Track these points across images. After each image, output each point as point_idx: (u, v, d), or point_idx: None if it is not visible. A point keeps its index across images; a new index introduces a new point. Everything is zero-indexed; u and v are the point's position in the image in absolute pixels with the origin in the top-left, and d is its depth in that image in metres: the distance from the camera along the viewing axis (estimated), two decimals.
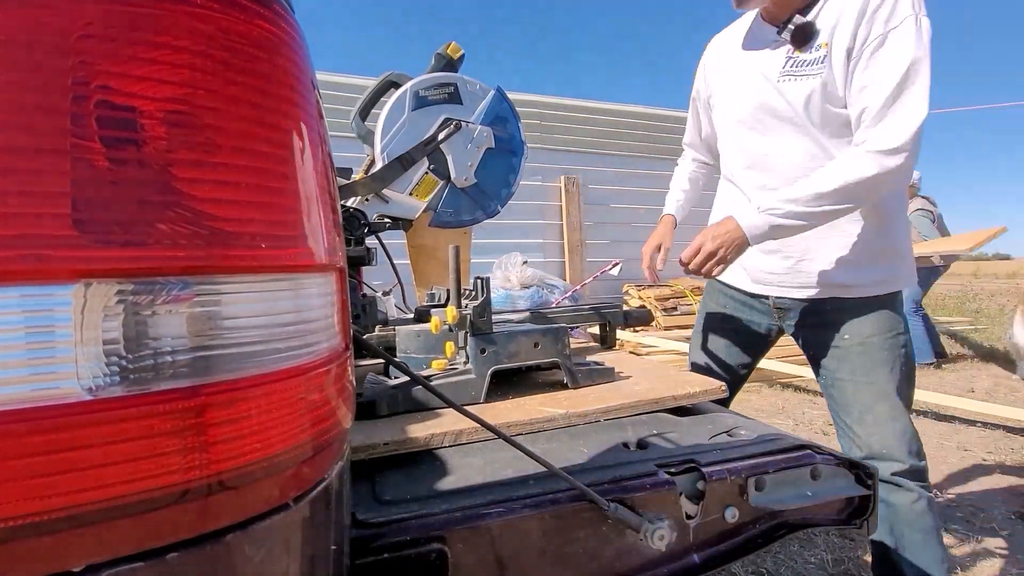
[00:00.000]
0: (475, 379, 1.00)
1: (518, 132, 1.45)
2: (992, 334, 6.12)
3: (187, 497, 0.36)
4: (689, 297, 5.00)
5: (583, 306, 1.69)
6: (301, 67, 0.45)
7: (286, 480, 0.42)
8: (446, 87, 1.34)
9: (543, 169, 5.82)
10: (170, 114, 0.36)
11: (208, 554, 0.38)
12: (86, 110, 0.33)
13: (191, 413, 0.36)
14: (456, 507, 0.67)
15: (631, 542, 0.72)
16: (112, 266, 0.34)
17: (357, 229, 1.29)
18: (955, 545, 1.89)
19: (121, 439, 0.34)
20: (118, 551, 0.35)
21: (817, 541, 1.91)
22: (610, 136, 6.26)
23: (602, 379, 1.13)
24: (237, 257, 0.39)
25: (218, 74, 0.39)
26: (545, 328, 1.09)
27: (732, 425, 0.96)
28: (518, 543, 0.67)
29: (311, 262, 0.44)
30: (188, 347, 0.37)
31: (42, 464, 0.32)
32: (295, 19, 0.46)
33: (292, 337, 0.43)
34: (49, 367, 0.32)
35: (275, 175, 0.42)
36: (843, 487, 0.87)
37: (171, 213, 0.36)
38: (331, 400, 0.47)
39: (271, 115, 0.42)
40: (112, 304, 0.34)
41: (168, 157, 0.36)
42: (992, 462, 2.69)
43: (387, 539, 0.61)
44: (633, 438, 0.89)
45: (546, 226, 5.98)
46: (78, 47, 0.34)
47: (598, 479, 0.73)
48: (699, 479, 0.77)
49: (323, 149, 0.48)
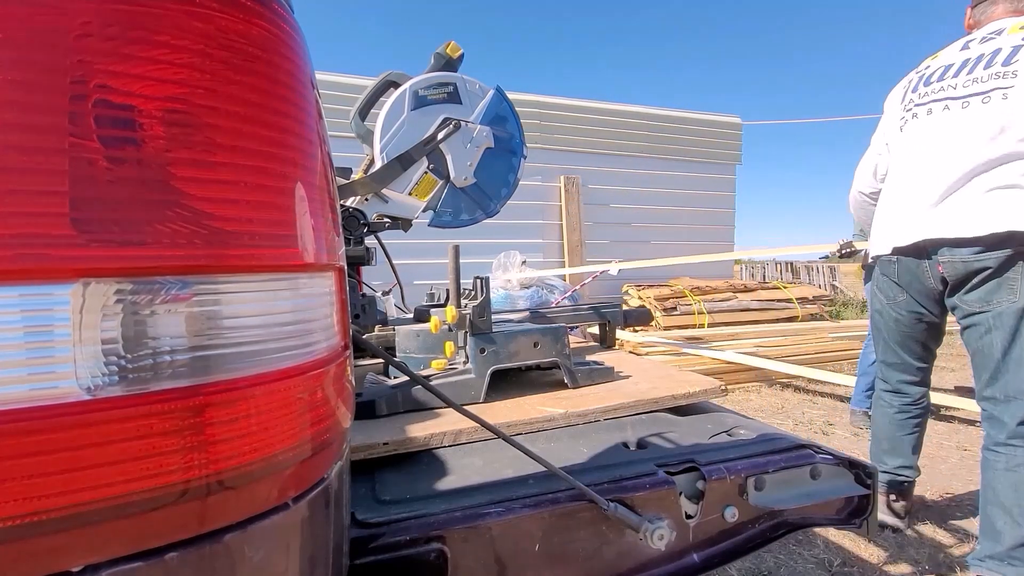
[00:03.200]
0: (475, 379, 1.00)
1: (518, 132, 1.45)
2: None
3: (186, 497, 0.36)
4: (689, 297, 5.00)
5: (583, 306, 1.69)
6: (300, 66, 0.45)
7: (285, 480, 0.42)
8: (445, 87, 1.34)
9: (543, 169, 5.82)
10: (169, 113, 0.36)
11: (207, 554, 0.38)
12: (84, 109, 0.33)
13: (190, 413, 0.36)
14: (456, 507, 0.67)
15: (631, 542, 0.72)
16: (111, 265, 0.34)
17: (356, 229, 1.29)
18: (955, 545, 1.89)
19: (120, 439, 0.34)
20: (117, 551, 0.35)
21: (817, 541, 1.91)
22: (610, 136, 6.26)
23: (602, 379, 1.13)
24: (236, 257, 0.39)
25: (217, 73, 0.39)
26: (545, 328, 1.09)
27: (732, 425, 0.96)
28: (518, 543, 0.67)
29: (310, 262, 0.44)
30: (187, 347, 0.37)
31: (40, 464, 0.32)
32: (294, 18, 0.46)
33: (291, 337, 0.43)
34: (48, 367, 0.32)
35: (274, 175, 0.42)
36: (843, 487, 0.87)
37: (170, 212, 0.36)
38: (330, 400, 0.47)
39: (270, 115, 0.42)
40: (111, 304, 0.34)
41: (167, 156, 0.36)
42: None
43: (387, 539, 0.61)
44: (633, 438, 0.89)
45: (546, 226, 5.98)
46: (76, 46, 0.34)
47: (598, 479, 0.73)
48: (699, 479, 0.77)
49: (322, 149, 0.48)
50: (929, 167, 1.61)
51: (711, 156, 6.79)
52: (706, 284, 5.37)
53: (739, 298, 5.19)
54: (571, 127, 6.10)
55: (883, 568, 1.76)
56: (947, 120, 1.59)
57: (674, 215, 6.59)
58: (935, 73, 1.68)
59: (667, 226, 6.52)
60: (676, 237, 6.57)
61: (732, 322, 4.95)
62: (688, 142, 6.65)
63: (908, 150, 1.71)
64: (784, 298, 5.39)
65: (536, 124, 5.83)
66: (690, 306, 4.92)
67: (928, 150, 1.63)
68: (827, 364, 4.28)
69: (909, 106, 1.73)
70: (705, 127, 6.76)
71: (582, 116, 6.16)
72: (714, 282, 5.51)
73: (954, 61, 1.64)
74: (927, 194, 1.59)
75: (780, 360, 4.01)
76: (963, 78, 1.58)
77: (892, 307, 1.84)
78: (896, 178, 1.75)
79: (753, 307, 5.18)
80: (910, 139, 1.71)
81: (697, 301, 4.97)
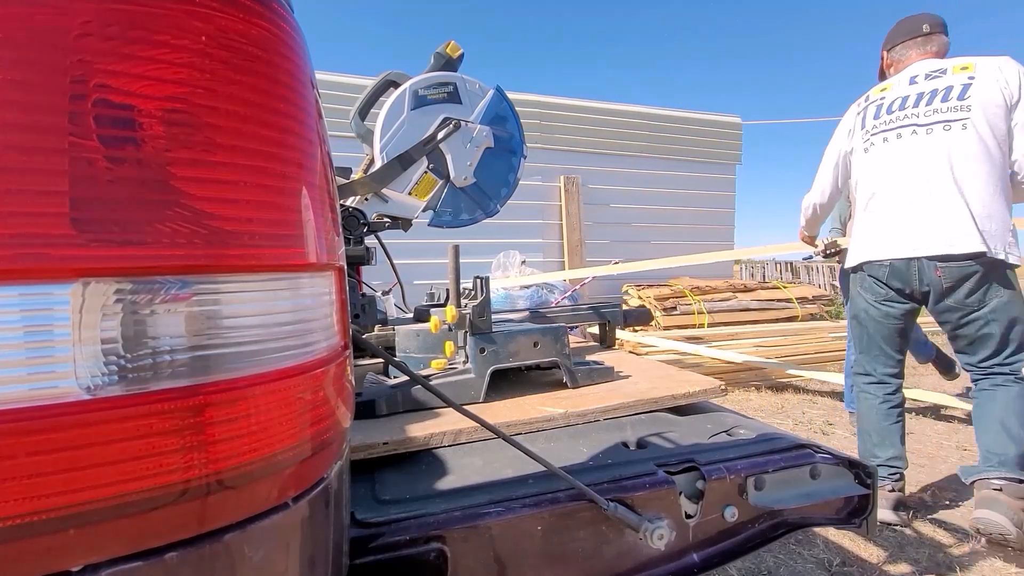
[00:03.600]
0: (475, 379, 1.00)
1: (518, 131, 1.45)
2: None
3: (186, 496, 0.36)
4: (689, 297, 5.00)
5: (583, 306, 1.69)
6: (300, 66, 0.45)
7: (285, 480, 0.42)
8: (445, 86, 1.34)
9: (543, 169, 5.82)
10: (168, 113, 0.36)
11: (207, 554, 0.38)
12: (84, 108, 0.33)
13: (190, 412, 0.36)
14: (456, 507, 0.67)
15: (631, 542, 0.72)
16: (110, 265, 0.34)
17: (356, 229, 1.29)
18: (955, 545, 1.89)
19: (119, 438, 0.34)
20: (117, 551, 0.34)
21: (817, 540, 1.91)
22: (610, 136, 6.25)
23: (602, 379, 1.13)
24: (236, 256, 0.39)
25: (217, 73, 0.39)
26: (544, 328, 1.09)
27: (732, 424, 0.96)
28: (518, 543, 0.67)
29: (310, 261, 0.44)
30: (187, 346, 0.37)
31: (40, 464, 0.32)
32: (294, 18, 0.46)
33: (291, 336, 0.43)
34: (47, 366, 0.32)
35: (274, 174, 0.42)
36: (842, 486, 0.87)
37: (169, 212, 0.36)
38: (330, 399, 0.47)
39: (270, 114, 0.42)
40: (111, 303, 0.34)
41: (166, 156, 0.36)
42: None
43: (387, 539, 0.61)
44: (633, 438, 0.89)
45: (546, 226, 5.97)
46: (76, 45, 0.33)
47: (598, 479, 0.73)
48: (698, 478, 0.77)
49: (322, 148, 0.48)
50: (907, 185, 1.92)
51: (711, 156, 6.79)
52: (706, 284, 5.36)
53: (739, 298, 5.18)
54: (571, 127, 6.09)
55: (883, 568, 1.76)
56: (916, 144, 1.92)
57: (674, 215, 6.58)
58: (893, 103, 2.01)
59: (667, 226, 6.52)
60: (676, 237, 6.57)
61: (732, 322, 4.94)
62: (688, 142, 6.64)
63: (882, 169, 2.00)
64: (784, 298, 5.39)
65: (536, 124, 5.82)
66: (690, 306, 4.91)
67: (904, 169, 1.94)
68: (827, 364, 4.28)
69: (874, 131, 2.04)
70: (705, 127, 6.76)
71: (582, 116, 6.16)
72: (714, 282, 5.51)
73: (908, 93, 1.98)
74: (913, 209, 1.90)
75: (780, 360, 4.01)
76: (923, 108, 1.92)
77: (879, 305, 2.07)
78: (875, 193, 2.02)
79: (753, 307, 5.17)
80: (883, 159, 2.00)
81: (697, 301, 4.97)
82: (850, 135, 2.17)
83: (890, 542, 1.89)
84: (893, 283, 1.99)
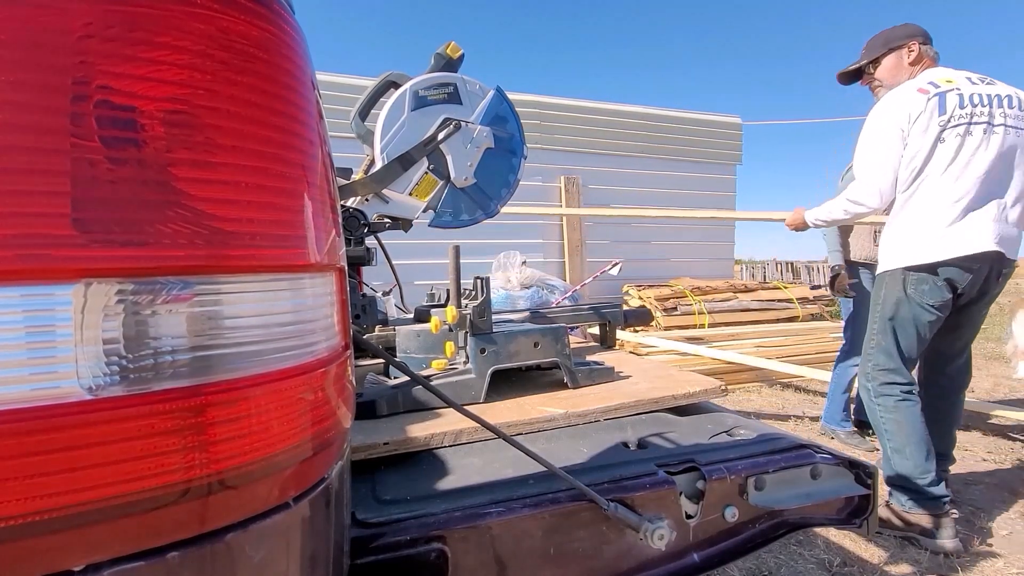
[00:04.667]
0: (475, 379, 1.00)
1: (518, 132, 1.45)
2: (992, 334, 6.12)
3: (187, 496, 0.36)
4: (689, 297, 5.00)
5: (583, 306, 1.69)
6: (301, 67, 0.45)
7: (286, 480, 0.42)
8: (446, 87, 1.34)
9: (543, 169, 5.82)
10: (170, 114, 0.36)
11: (208, 553, 0.38)
12: (86, 110, 0.34)
13: (191, 412, 0.36)
14: (456, 507, 0.67)
15: (631, 542, 0.72)
16: (112, 266, 0.34)
17: (357, 229, 1.29)
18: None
19: (121, 438, 0.34)
20: (119, 550, 0.35)
21: (817, 541, 1.91)
22: (610, 136, 6.25)
23: (602, 379, 1.13)
24: (237, 257, 0.39)
25: (218, 74, 0.39)
26: (545, 328, 1.09)
27: (732, 425, 0.96)
28: (518, 543, 0.67)
29: (310, 262, 0.45)
30: (188, 347, 0.37)
31: (42, 463, 0.32)
32: (295, 19, 0.46)
33: (292, 337, 0.43)
34: (49, 367, 0.32)
35: (275, 175, 0.42)
36: (843, 486, 0.87)
37: (171, 213, 0.36)
38: (331, 400, 0.47)
39: (270, 115, 0.42)
40: (112, 304, 0.34)
41: (168, 157, 0.36)
42: (992, 462, 2.69)
43: (387, 539, 0.61)
44: (633, 438, 0.90)
45: (546, 226, 5.97)
46: (78, 47, 0.34)
47: (598, 479, 0.73)
48: (699, 479, 0.77)
49: (323, 149, 0.48)
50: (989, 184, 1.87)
51: (711, 156, 6.79)
52: (706, 284, 5.36)
53: (739, 298, 5.18)
54: (571, 127, 6.09)
55: (883, 568, 1.76)
56: (994, 143, 1.86)
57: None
58: (972, 96, 1.90)
59: (667, 226, 6.52)
60: (676, 237, 6.57)
61: (732, 322, 4.94)
62: (688, 142, 6.64)
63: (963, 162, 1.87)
64: (784, 298, 5.39)
65: (536, 124, 5.82)
66: (690, 306, 4.91)
67: (985, 167, 1.86)
68: (827, 364, 4.27)
69: (957, 122, 1.88)
70: (705, 127, 6.76)
71: (582, 116, 6.16)
72: (714, 282, 5.51)
73: (971, 91, 1.89)
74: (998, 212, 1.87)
75: (780, 360, 4.01)
76: (995, 110, 1.87)
77: (937, 310, 1.93)
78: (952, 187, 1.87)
79: (753, 307, 5.17)
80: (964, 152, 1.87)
81: (697, 301, 4.97)
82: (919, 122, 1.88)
83: (890, 542, 1.89)
84: (958, 283, 1.87)
